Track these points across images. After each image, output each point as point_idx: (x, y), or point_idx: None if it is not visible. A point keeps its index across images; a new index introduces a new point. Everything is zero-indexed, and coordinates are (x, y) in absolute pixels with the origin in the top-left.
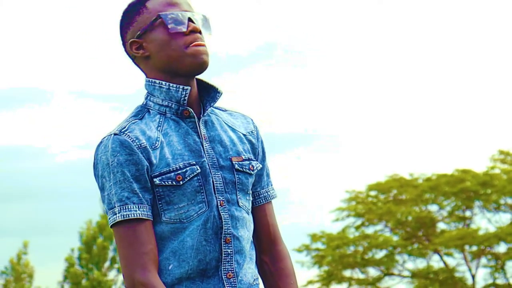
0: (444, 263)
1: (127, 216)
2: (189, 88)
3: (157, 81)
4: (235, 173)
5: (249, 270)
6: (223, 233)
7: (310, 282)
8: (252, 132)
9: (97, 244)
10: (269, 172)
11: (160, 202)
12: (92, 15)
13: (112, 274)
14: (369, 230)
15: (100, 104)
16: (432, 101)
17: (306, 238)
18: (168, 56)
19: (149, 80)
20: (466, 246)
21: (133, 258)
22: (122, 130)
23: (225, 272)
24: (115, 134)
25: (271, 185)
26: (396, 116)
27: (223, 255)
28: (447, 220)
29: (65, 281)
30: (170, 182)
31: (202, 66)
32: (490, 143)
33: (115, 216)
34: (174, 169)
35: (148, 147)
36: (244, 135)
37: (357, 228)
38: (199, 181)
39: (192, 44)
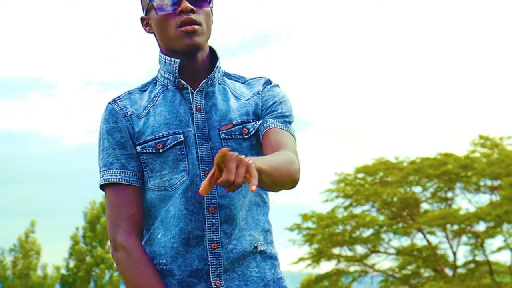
0: (427, 241)
1: (108, 180)
2: (178, 61)
3: (160, 54)
4: (222, 141)
5: (248, 237)
6: (206, 203)
7: (301, 259)
8: (257, 93)
9: (100, 223)
10: (283, 115)
11: (145, 170)
12: (94, 11)
13: None
14: (357, 210)
15: (106, 91)
16: (416, 90)
17: (297, 218)
18: (163, 36)
19: (159, 54)
20: (448, 225)
21: (116, 220)
22: (115, 99)
23: (209, 242)
24: (109, 103)
25: (276, 119)
26: (382, 103)
27: (207, 225)
28: (430, 200)
29: (70, 258)
30: (150, 150)
31: (193, 47)
32: (471, 128)
33: (100, 180)
34: (156, 137)
35: (134, 116)
36: (248, 99)
37: (345, 208)
38: (182, 150)
39: (181, 27)
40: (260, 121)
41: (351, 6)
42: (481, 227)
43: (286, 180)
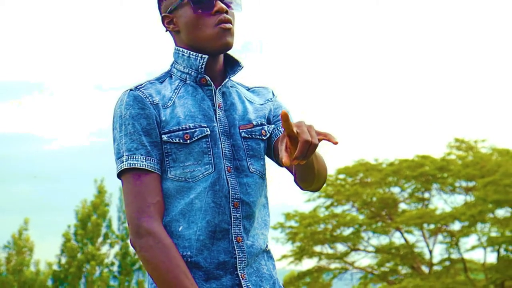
0: (405, 239)
1: (133, 164)
2: (206, 57)
3: (181, 49)
4: (243, 140)
5: (261, 236)
6: (231, 197)
7: (284, 257)
8: (270, 99)
9: (91, 221)
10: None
11: (167, 159)
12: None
13: (104, 249)
14: (338, 210)
15: (97, 96)
16: (394, 94)
17: (281, 217)
18: (194, 35)
19: (176, 48)
20: (424, 224)
21: (141, 206)
22: (138, 87)
23: (235, 235)
24: (131, 90)
25: None
26: (363, 107)
27: (232, 219)
28: (408, 201)
29: (62, 254)
30: (177, 140)
31: (226, 47)
32: (447, 132)
33: (122, 164)
34: (184, 128)
35: (160, 105)
36: (262, 104)
37: (327, 208)
38: (207, 143)
39: (217, 26)
40: (272, 126)
41: (327, 10)
42: (456, 226)
43: (323, 174)
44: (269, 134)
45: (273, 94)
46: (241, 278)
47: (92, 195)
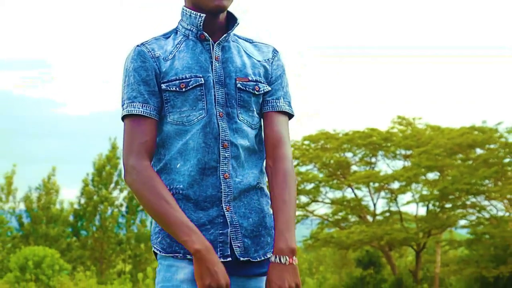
0: (355, 194)
1: (131, 111)
2: (204, 15)
3: (186, 9)
4: (237, 91)
5: (251, 175)
6: (221, 139)
7: None
8: (268, 60)
9: (105, 171)
10: (287, 92)
11: (166, 105)
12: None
13: (115, 193)
14: (302, 169)
15: (113, 67)
16: (354, 78)
17: None
18: None
19: (183, 8)
20: (370, 183)
21: (130, 145)
22: (143, 43)
23: (222, 172)
24: (137, 46)
25: (285, 100)
26: (326, 87)
27: (221, 158)
28: (358, 164)
29: (81, 196)
30: (174, 88)
31: (218, 8)
32: (392, 110)
33: (123, 111)
34: (180, 78)
35: (161, 58)
36: (259, 61)
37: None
38: (201, 91)
39: None
40: (270, 90)
41: None
42: (395, 185)
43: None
44: (263, 92)
45: (275, 53)
46: (225, 210)
47: (107, 150)
